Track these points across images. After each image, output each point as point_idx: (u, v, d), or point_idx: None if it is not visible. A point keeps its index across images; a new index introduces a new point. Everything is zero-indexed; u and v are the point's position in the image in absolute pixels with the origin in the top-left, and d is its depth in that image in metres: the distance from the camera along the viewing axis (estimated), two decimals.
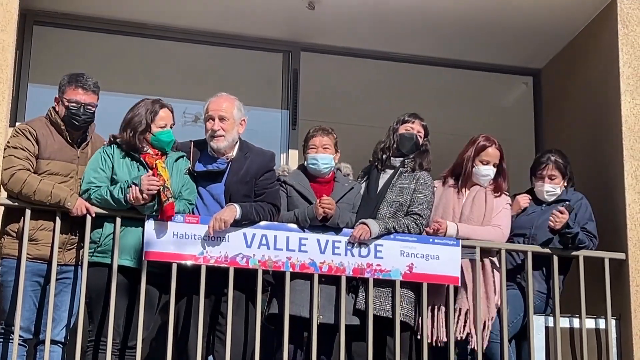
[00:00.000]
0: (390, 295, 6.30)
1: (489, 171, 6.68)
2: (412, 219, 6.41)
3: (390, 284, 6.31)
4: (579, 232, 6.57)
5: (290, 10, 7.69)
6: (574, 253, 6.63)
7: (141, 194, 5.93)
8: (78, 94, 6.19)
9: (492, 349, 6.45)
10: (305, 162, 6.61)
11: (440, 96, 8.88)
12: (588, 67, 7.72)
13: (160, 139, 6.18)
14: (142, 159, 6.14)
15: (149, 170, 6.06)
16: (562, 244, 6.60)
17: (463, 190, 6.70)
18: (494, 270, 6.54)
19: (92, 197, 6.01)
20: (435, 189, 6.62)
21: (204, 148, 6.40)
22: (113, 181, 6.08)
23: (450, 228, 6.47)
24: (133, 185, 5.94)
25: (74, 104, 6.18)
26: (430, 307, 6.43)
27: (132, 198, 5.94)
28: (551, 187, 6.83)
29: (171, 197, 6.02)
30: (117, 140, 6.21)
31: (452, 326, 6.35)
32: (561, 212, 6.50)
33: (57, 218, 5.98)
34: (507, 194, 6.77)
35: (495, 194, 6.65)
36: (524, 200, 6.83)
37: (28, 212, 5.96)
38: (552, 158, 6.85)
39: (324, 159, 6.53)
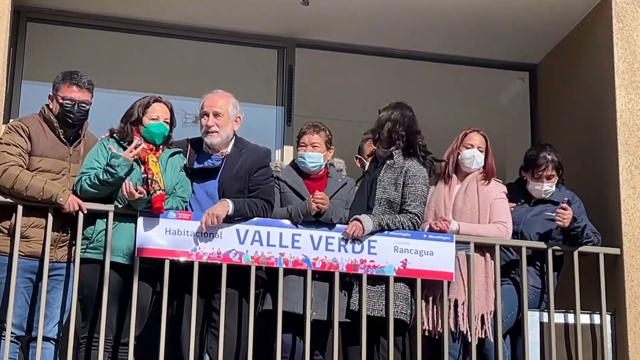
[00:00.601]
0: (384, 293, 6.26)
1: (474, 153, 6.64)
2: (408, 217, 6.33)
3: (383, 281, 6.27)
4: (587, 225, 6.57)
5: (285, 6, 7.68)
6: (570, 249, 6.62)
7: (136, 190, 5.93)
8: (72, 92, 6.21)
9: (486, 344, 6.43)
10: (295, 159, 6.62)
11: (437, 92, 8.88)
12: (583, 62, 7.71)
13: (151, 130, 6.20)
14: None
15: (142, 165, 6.09)
16: (568, 240, 6.58)
17: (454, 182, 6.65)
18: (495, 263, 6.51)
19: (82, 184, 6.01)
20: (426, 179, 6.45)
21: (200, 146, 6.40)
22: None
23: (452, 227, 6.44)
24: (126, 181, 5.95)
25: (68, 102, 6.19)
26: (431, 298, 6.39)
27: (126, 193, 5.95)
28: (549, 187, 6.81)
29: (159, 190, 6.02)
30: (114, 134, 6.24)
31: (445, 319, 6.32)
32: (565, 209, 6.48)
33: (49, 215, 5.98)
34: (500, 181, 6.72)
35: (486, 182, 6.61)
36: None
37: (20, 209, 5.96)
38: (549, 157, 6.79)
39: (311, 158, 6.52)
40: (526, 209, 6.77)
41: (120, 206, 6.05)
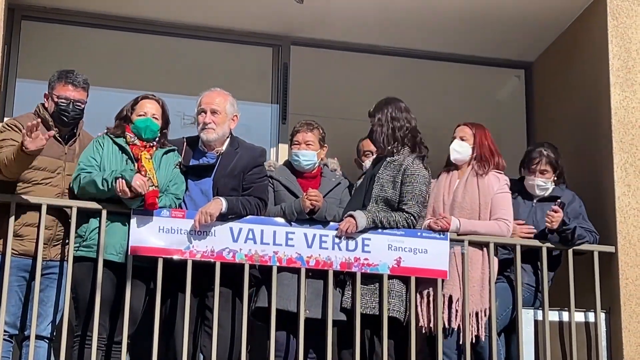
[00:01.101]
0: (377, 291, 6.24)
1: (456, 144, 6.63)
2: (404, 216, 6.30)
3: (376, 279, 6.26)
4: (577, 226, 6.54)
5: (280, 4, 7.66)
6: (564, 247, 6.61)
7: (128, 188, 5.92)
8: (68, 90, 6.21)
9: (481, 342, 6.42)
10: (289, 158, 6.62)
11: (432, 90, 8.86)
12: (579, 59, 7.70)
13: (137, 125, 6.22)
14: (129, 150, 6.17)
15: (135, 163, 6.10)
16: (562, 242, 6.57)
17: (454, 177, 6.63)
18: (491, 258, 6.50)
19: (80, 181, 5.99)
20: (426, 177, 6.40)
21: (196, 144, 6.42)
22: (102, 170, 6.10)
23: (453, 226, 6.40)
24: (120, 178, 5.94)
25: (63, 100, 6.20)
26: (426, 293, 6.36)
27: (119, 191, 5.95)
28: (542, 182, 6.80)
29: (152, 186, 6.01)
30: (109, 133, 6.26)
31: (439, 315, 6.31)
32: (555, 211, 6.47)
33: (43, 213, 5.96)
34: (501, 173, 6.64)
35: (484, 173, 6.57)
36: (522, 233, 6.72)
37: (13, 205, 5.95)
38: (545, 152, 6.81)
39: (305, 156, 6.52)
40: (530, 210, 6.77)
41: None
